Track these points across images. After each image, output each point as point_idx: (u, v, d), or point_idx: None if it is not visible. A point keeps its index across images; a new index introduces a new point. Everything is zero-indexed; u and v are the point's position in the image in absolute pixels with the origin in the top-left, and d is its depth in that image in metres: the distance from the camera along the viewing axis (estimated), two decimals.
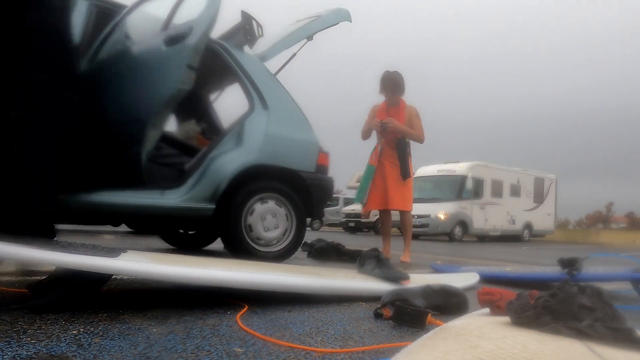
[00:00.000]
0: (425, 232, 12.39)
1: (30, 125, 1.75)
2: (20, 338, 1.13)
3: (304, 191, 3.31)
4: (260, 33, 3.54)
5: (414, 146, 4.13)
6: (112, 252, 1.63)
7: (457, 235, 13.16)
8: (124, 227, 4.34)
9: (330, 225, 22.00)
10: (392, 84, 3.99)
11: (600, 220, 50.97)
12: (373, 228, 16.76)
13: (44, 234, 1.79)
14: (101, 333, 1.22)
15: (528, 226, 15.79)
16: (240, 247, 3.03)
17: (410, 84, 4.19)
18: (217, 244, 4.06)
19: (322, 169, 3.43)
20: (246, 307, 1.60)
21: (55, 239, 1.92)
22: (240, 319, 1.45)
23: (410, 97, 4.24)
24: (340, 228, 19.03)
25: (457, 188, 13.36)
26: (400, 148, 3.91)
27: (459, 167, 13.86)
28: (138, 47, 2.65)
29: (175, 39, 2.44)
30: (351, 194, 21.54)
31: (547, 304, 1.12)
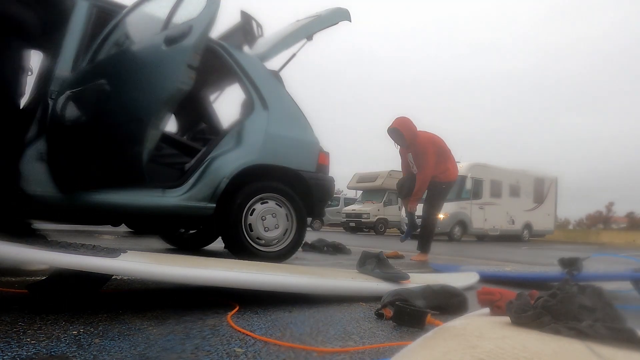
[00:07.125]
0: None
1: None
2: (20, 338, 1.13)
3: (305, 191, 3.31)
4: (260, 33, 3.54)
5: None
6: (112, 252, 1.63)
7: (456, 234, 13.16)
8: (124, 227, 4.34)
9: (331, 225, 22.05)
10: (396, 138, 4.36)
11: (601, 220, 51.00)
12: (373, 228, 16.81)
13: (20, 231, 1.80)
14: (101, 333, 1.22)
15: (528, 226, 15.78)
16: (240, 247, 3.03)
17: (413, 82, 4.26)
18: (217, 244, 4.06)
19: (322, 168, 3.44)
20: (237, 307, 1.59)
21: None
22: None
23: (410, 98, 4.32)
24: (341, 228, 19.08)
25: (456, 188, 13.36)
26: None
27: (458, 167, 13.86)
28: (138, 47, 2.65)
29: (175, 39, 2.44)
30: (351, 194, 21.63)
31: (547, 304, 1.11)
